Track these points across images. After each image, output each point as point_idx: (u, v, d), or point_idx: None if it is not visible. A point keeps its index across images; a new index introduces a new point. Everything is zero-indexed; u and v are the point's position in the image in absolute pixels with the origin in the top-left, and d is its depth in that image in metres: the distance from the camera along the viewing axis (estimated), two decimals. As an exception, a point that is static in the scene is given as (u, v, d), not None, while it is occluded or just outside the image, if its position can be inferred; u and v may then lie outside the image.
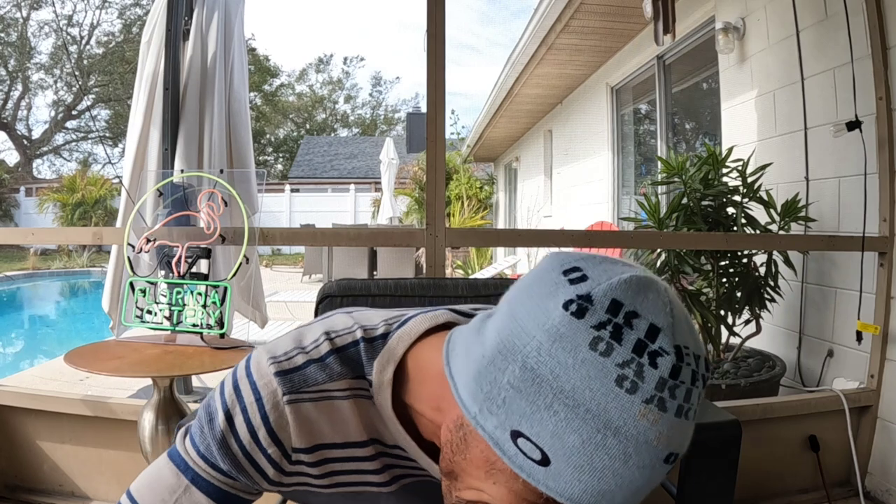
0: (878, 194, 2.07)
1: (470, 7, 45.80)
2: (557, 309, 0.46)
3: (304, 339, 0.62)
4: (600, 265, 0.49)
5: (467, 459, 0.50)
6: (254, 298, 2.52)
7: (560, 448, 0.44)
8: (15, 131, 21.74)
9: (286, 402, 0.57)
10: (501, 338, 0.48)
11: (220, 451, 0.58)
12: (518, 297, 0.50)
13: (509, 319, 0.49)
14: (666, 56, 4.13)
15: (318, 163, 21.37)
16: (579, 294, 0.46)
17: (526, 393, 0.45)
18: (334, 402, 0.59)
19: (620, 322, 0.45)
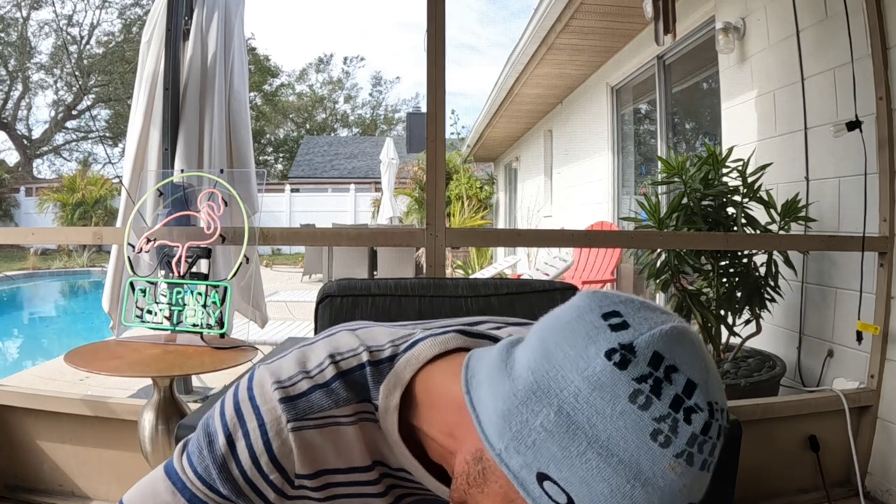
0: (878, 194, 2.07)
1: (470, 7, 45.80)
2: (599, 357, 0.45)
3: (308, 362, 0.60)
4: (640, 312, 0.48)
5: (484, 493, 0.50)
6: (254, 298, 2.52)
7: (587, 495, 0.44)
8: (15, 131, 21.75)
9: (290, 430, 0.57)
10: (536, 378, 0.47)
11: (220, 475, 0.57)
12: (553, 335, 0.49)
13: (544, 359, 0.48)
14: (666, 56, 4.13)
15: (318, 163, 21.37)
16: (622, 343, 0.45)
17: (559, 438, 0.45)
18: (339, 427, 0.59)
19: (661, 376, 0.45)
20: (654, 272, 2.38)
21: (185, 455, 0.60)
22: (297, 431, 0.57)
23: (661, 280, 2.39)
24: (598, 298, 0.50)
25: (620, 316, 0.47)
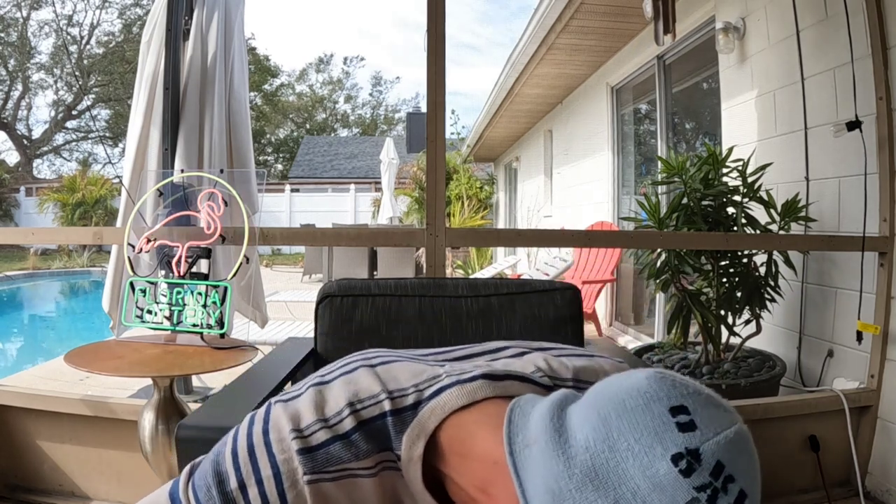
0: (878, 194, 2.07)
1: (470, 6, 45.80)
2: (665, 460, 0.44)
3: (326, 407, 0.58)
4: (706, 409, 0.47)
5: None
6: (254, 298, 2.52)
7: None
8: (15, 131, 21.74)
9: (306, 483, 0.55)
10: (595, 464, 0.45)
11: None
12: (617, 419, 0.47)
13: (605, 444, 0.46)
14: (666, 56, 4.13)
15: (318, 163, 21.37)
16: (689, 448, 0.45)
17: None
18: (357, 480, 0.57)
19: (719, 486, 0.44)
20: (654, 272, 2.38)
21: (191, 486, 0.58)
22: (313, 484, 0.55)
23: (661, 280, 2.39)
24: (666, 388, 0.48)
25: (688, 413, 0.46)
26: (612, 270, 4.92)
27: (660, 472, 0.44)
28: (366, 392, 0.58)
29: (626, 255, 4.85)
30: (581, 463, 0.45)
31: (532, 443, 0.48)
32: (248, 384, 1.23)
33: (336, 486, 0.56)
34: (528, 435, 0.49)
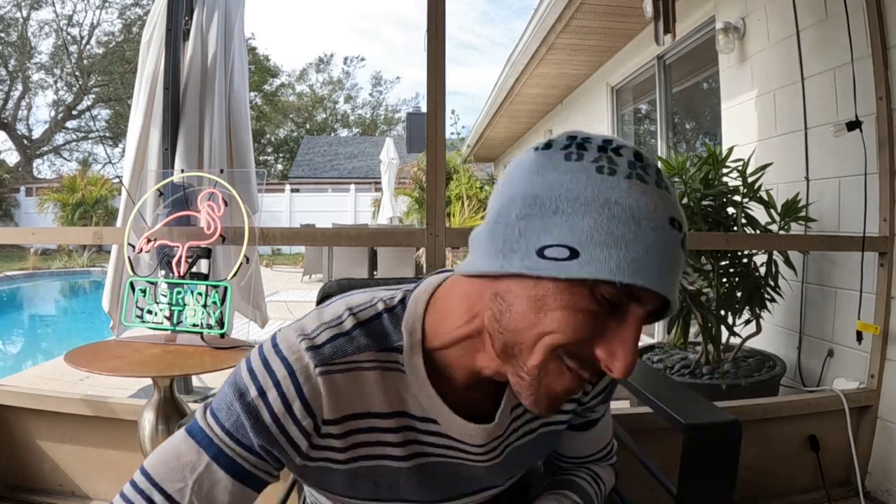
0: (878, 194, 2.07)
1: (471, 6, 45.78)
2: (529, 154, 0.57)
3: (327, 317, 0.64)
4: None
5: (513, 315, 0.54)
6: (254, 298, 2.52)
7: (580, 235, 0.51)
8: (15, 131, 21.74)
9: (318, 374, 0.60)
10: (498, 205, 0.56)
11: (254, 426, 0.59)
12: (498, 187, 0.59)
13: (497, 195, 0.58)
14: (666, 56, 4.13)
15: (318, 163, 21.37)
16: (542, 142, 0.57)
17: (533, 214, 0.53)
18: (362, 372, 0.62)
19: (580, 141, 0.55)
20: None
21: (208, 413, 0.62)
22: (325, 375, 0.60)
23: (661, 280, 2.39)
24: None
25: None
26: (612, 270, 4.91)
27: (531, 161, 0.56)
28: (360, 301, 0.66)
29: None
30: (491, 215, 0.57)
31: (469, 254, 0.62)
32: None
33: (345, 378, 0.61)
34: (468, 256, 0.61)
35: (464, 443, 0.67)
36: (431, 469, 0.67)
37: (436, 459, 0.67)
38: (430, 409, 0.65)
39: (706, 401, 1.18)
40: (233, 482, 0.61)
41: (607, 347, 0.53)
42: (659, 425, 1.22)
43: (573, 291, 0.51)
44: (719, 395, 2.17)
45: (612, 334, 0.53)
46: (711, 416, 1.07)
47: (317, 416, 0.61)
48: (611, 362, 0.53)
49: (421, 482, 0.68)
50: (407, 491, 0.67)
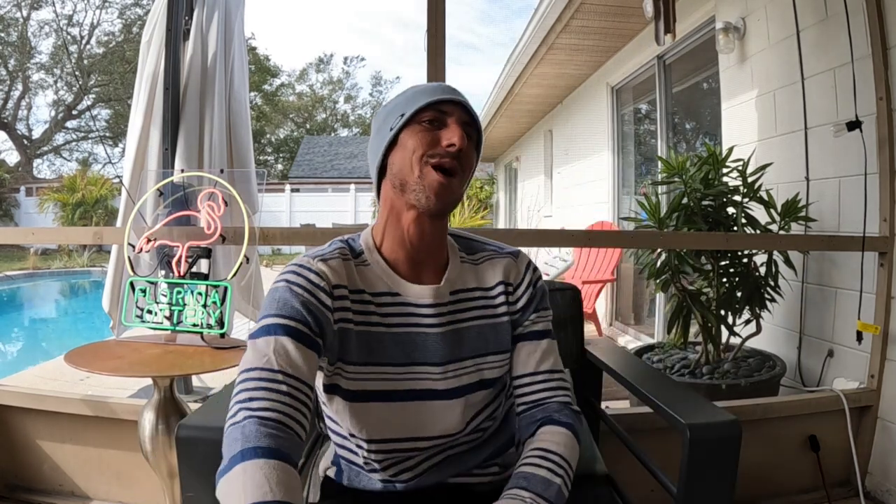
0: (879, 194, 2.07)
1: (471, 6, 45.75)
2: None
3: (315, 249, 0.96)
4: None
5: (397, 164, 0.91)
6: (254, 298, 2.52)
7: (402, 107, 0.92)
8: (15, 131, 21.73)
9: (317, 261, 0.91)
10: (374, 125, 0.98)
11: (292, 294, 0.85)
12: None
13: (373, 121, 0.99)
14: (666, 56, 4.13)
15: (318, 162, 21.36)
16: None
17: (388, 114, 0.94)
18: (343, 262, 0.93)
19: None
20: (654, 272, 2.38)
21: (259, 321, 0.86)
22: (322, 261, 0.91)
23: (662, 280, 2.39)
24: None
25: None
26: (612, 270, 4.91)
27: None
28: (331, 243, 1.00)
29: (626, 255, 4.85)
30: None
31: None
32: (248, 384, 1.23)
33: (336, 263, 0.92)
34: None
35: (418, 305, 0.93)
36: (403, 335, 0.92)
37: (402, 328, 0.93)
38: (392, 284, 0.94)
39: (706, 401, 1.18)
40: (296, 343, 0.81)
41: (445, 137, 0.88)
42: (659, 425, 1.22)
43: (410, 130, 0.89)
44: (719, 395, 2.17)
45: (445, 133, 0.89)
46: (711, 416, 1.07)
47: (328, 281, 0.88)
48: (450, 140, 0.87)
49: (397, 346, 0.92)
50: (388, 355, 0.91)
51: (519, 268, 1.02)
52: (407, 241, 0.94)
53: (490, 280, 1.00)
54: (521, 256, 1.04)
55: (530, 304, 1.01)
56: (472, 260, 1.02)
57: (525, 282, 1.01)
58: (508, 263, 1.02)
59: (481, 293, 0.99)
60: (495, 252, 1.04)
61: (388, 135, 0.90)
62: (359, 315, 0.91)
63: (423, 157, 0.88)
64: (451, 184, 0.88)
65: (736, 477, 1.04)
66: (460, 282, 0.98)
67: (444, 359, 0.93)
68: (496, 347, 0.98)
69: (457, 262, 1.00)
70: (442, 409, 0.93)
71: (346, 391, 0.91)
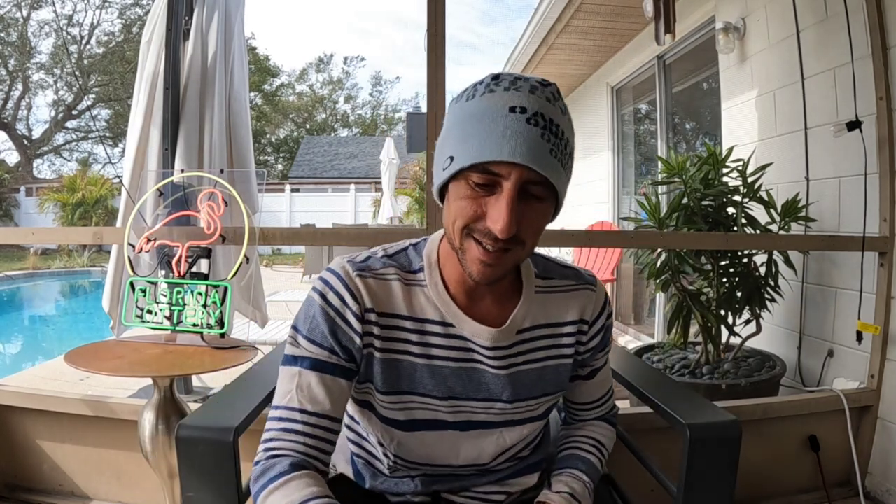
0: (879, 194, 2.06)
1: (471, 5, 45.75)
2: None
3: (365, 252, 0.88)
4: None
5: (444, 216, 0.78)
6: (254, 298, 2.52)
7: (454, 144, 0.73)
8: (15, 131, 21.73)
9: (356, 275, 0.82)
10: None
11: (324, 320, 0.81)
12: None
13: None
14: (666, 56, 4.13)
15: (318, 162, 21.36)
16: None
17: (440, 145, 0.77)
18: (388, 282, 0.84)
19: (471, 85, 0.77)
20: (654, 272, 2.37)
21: (291, 332, 0.83)
22: (360, 278, 0.82)
23: (662, 280, 2.39)
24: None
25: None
26: (612, 270, 4.91)
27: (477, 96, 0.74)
28: (393, 244, 0.91)
29: (626, 255, 4.85)
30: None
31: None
32: (248, 384, 1.24)
33: (375, 283, 0.83)
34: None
35: (474, 343, 0.84)
36: (445, 368, 0.84)
37: (450, 362, 0.85)
38: (447, 314, 0.84)
39: (706, 401, 1.18)
40: (321, 376, 0.80)
41: (490, 216, 0.71)
42: (659, 425, 1.22)
43: (457, 185, 0.73)
44: (719, 395, 2.17)
45: (492, 207, 0.71)
46: (711, 416, 1.07)
47: (361, 303, 0.81)
48: (493, 225, 0.71)
49: (434, 378, 0.84)
50: (422, 385, 0.84)
51: (597, 303, 0.93)
52: (466, 280, 0.82)
53: (564, 316, 0.91)
54: (598, 288, 0.95)
55: (601, 344, 0.96)
56: (546, 288, 0.91)
57: (601, 319, 0.94)
58: (587, 298, 0.92)
59: (550, 330, 0.90)
60: (574, 283, 0.93)
61: (441, 173, 0.75)
62: (396, 343, 0.83)
63: (463, 228, 0.74)
64: (502, 260, 0.74)
65: (736, 477, 1.04)
66: (530, 318, 0.89)
67: (497, 398, 0.87)
68: (554, 388, 0.92)
69: (530, 295, 0.89)
70: (477, 439, 0.89)
71: (378, 414, 0.88)
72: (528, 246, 0.76)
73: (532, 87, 0.72)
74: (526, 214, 0.72)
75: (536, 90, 0.72)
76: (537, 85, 0.73)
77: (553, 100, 0.73)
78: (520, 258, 0.77)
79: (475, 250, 0.74)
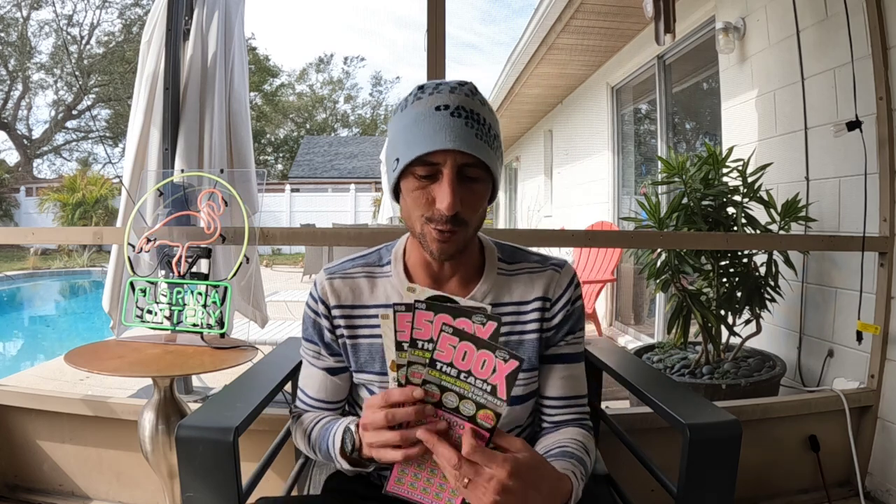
0: (879, 194, 2.07)
1: (472, 5, 45.70)
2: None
3: (345, 258, 1.04)
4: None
5: (405, 201, 0.89)
6: (254, 298, 2.52)
7: (396, 147, 0.86)
8: (15, 131, 21.72)
9: (326, 280, 0.99)
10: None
11: (311, 323, 1.00)
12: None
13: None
14: (666, 56, 4.13)
15: (318, 162, 21.36)
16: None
17: (387, 152, 0.90)
18: (355, 279, 0.99)
19: (405, 97, 0.90)
20: (654, 272, 2.37)
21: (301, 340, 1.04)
22: (328, 280, 0.99)
23: (662, 280, 2.39)
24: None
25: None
26: (612, 270, 4.91)
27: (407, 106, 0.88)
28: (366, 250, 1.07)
29: (626, 255, 4.84)
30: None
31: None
32: (248, 384, 1.23)
33: (342, 282, 0.99)
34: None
35: None
36: None
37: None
38: (406, 297, 0.90)
39: (706, 401, 1.18)
40: (315, 370, 1.02)
41: (437, 199, 0.83)
42: (659, 425, 1.22)
43: (407, 182, 0.86)
44: (719, 395, 2.17)
45: (437, 191, 0.83)
46: (711, 416, 1.07)
47: (328, 304, 0.98)
48: (440, 205, 0.82)
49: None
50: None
51: (561, 282, 0.99)
52: (430, 263, 0.96)
53: (526, 295, 0.98)
54: (565, 269, 1.01)
55: (566, 322, 0.99)
56: (510, 271, 0.99)
57: (564, 298, 0.99)
58: (550, 276, 0.99)
59: (513, 308, 0.97)
60: (538, 264, 1.00)
61: (392, 174, 0.88)
62: (361, 329, 0.97)
63: (420, 216, 0.86)
64: (454, 238, 0.86)
65: (736, 477, 1.04)
66: (492, 296, 0.97)
67: None
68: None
69: (492, 275, 0.98)
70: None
71: (372, 393, 0.99)
72: (471, 225, 0.88)
73: (451, 88, 0.85)
74: (466, 195, 0.84)
75: (455, 90, 0.85)
76: (455, 86, 0.86)
77: (471, 95, 0.87)
78: (468, 236, 0.89)
79: (432, 233, 0.86)
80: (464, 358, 0.74)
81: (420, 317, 0.76)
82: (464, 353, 0.74)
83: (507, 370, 0.72)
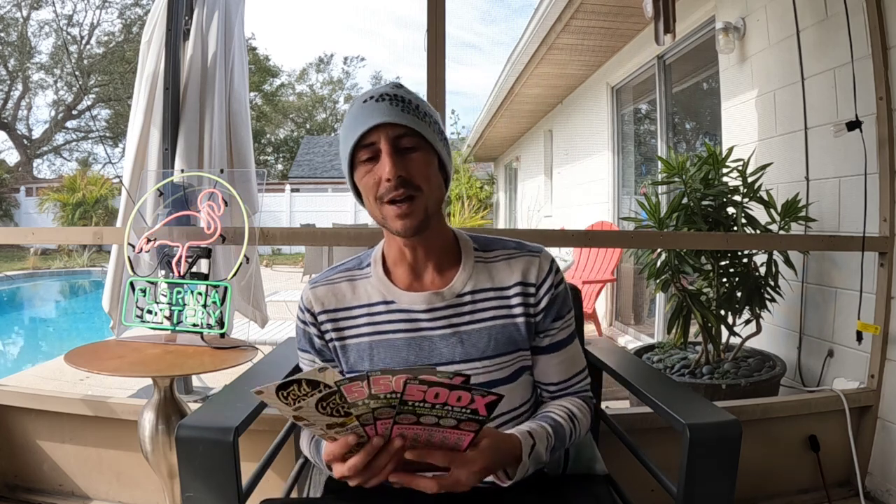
0: (879, 194, 2.06)
1: (472, 5, 45.63)
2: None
3: (330, 266, 1.08)
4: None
5: (362, 194, 0.95)
6: (254, 298, 2.52)
7: (343, 144, 0.94)
8: (15, 131, 21.71)
9: (309, 289, 1.03)
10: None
11: (300, 329, 1.04)
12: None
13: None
14: (666, 56, 4.12)
15: (318, 162, 21.35)
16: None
17: (341, 134, 0.96)
18: (336, 284, 1.03)
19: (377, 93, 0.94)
20: (654, 272, 2.37)
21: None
22: (311, 289, 1.03)
23: (662, 280, 2.39)
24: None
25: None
26: (612, 270, 4.91)
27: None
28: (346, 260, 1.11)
29: (626, 255, 4.84)
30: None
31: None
32: (248, 384, 1.23)
33: (323, 289, 1.03)
34: None
35: (414, 311, 0.98)
36: (396, 340, 0.98)
37: (398, 335, 0.98)
38: (387, 293, 1.00)
39: (706, 401, 1.18)
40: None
41: (381, 173, 0.89)
42: (659, 425, 1.22)
43: (357, 172, 0.93)
44: (719, 395, 2.17)
45: (380, 167, 0.89)
46: (711, 416, 1.07)
47: (313, 312, 1.01)
48: (383, 175, 0.88)
49: (389, 351, 0.98)
50: (381, 361, 0.98)
51: (541, 267, 1.01)
52: (405, 255, 0.99)
53: (506, 280, 1.00)
54: (543, 255, 1.02)
55: (552, 308, 1.01)
56: (488, 259, 1.02)
57: (548, 282, 1.01)
58: (528, 262, 1.01)
59: (495, 293, 1.00)
60: (515, 250, 1.02)
61: (346, 172, 0.95)
62: (347, 330, 1.01)
63: (375, 199, 0.91)
64: (412, 208, 0.90)
65: (736, 477, 1.04)
66: (472, 283, 0.99)
67: (449, 360, 0.97)
68: (507, 348, 0.99)
69: (469, 263, 1.01)
70: None
71: None
72: (426, 190, 0.91)
73: (378, 87, 0.93)
74: (409, 163, 0.90)
75: (381, 87, 0.93)
76: (382, 85, 0.94)
77: (394, 86, 0.93)
78: (426, 202, 0.92)
79: (390, 210, 0.90)
80: (436, 396, 0.69)
81: (375, 381, 0.67)
82: (436, 394, 0.69)
83: (486, 402, 0.69)
